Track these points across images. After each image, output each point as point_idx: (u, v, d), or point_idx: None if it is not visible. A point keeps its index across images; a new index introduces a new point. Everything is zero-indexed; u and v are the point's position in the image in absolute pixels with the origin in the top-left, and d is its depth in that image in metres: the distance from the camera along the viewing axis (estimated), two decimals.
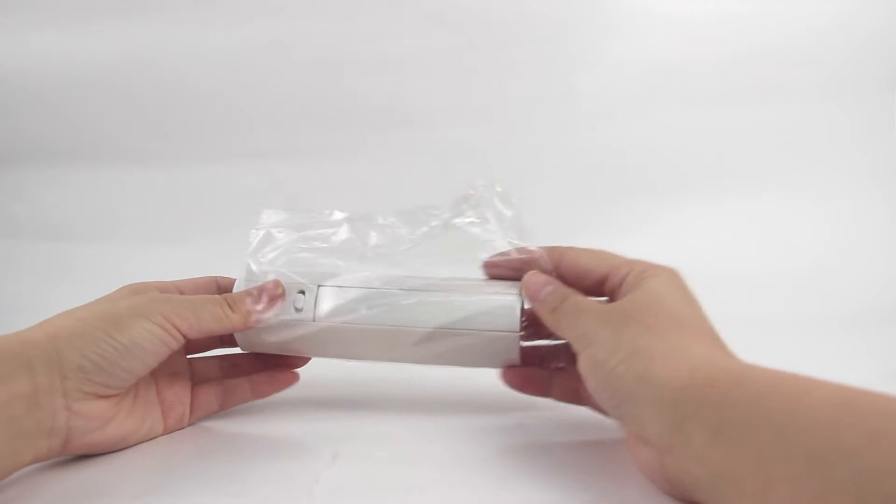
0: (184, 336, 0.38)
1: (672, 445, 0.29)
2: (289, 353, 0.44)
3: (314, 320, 0.42)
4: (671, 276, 0.35)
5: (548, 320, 0.38)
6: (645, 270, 0.35)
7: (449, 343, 0.42)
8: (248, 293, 0.41)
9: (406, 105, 0.80)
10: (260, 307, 0.41)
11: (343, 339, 0.43)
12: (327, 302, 0.43)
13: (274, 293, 0.41)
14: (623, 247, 0.39)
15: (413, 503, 0.32)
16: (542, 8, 0.80)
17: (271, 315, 0.41)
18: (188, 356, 0.44)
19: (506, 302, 0.41)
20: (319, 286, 0.43)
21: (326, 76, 0.81)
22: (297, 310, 0.42)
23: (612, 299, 0.37)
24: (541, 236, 0.80)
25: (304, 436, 0.40)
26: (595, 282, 0.38)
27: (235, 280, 0.43)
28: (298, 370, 0.46)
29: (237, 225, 0.79)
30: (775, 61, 0.81)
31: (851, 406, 0.25)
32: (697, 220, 0.80)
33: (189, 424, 0.42)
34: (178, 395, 0.41)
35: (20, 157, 0.83)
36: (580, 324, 0.35)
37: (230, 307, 0.40)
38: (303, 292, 0.43)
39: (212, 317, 0.39)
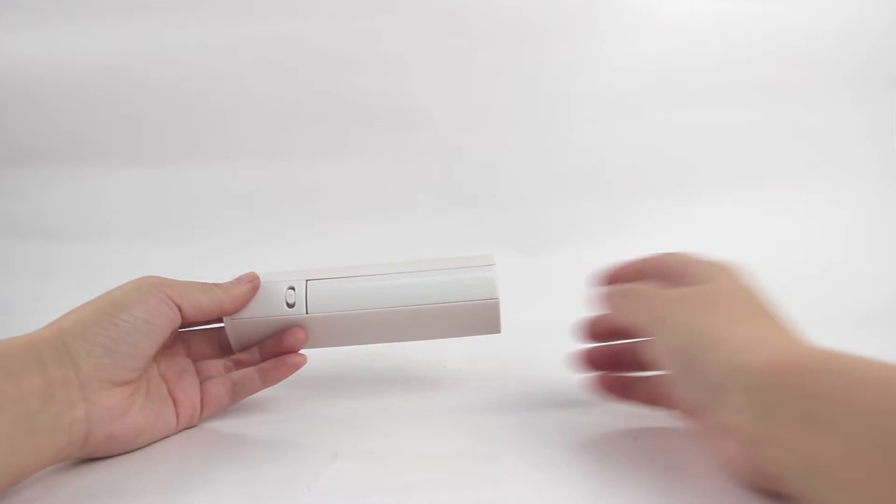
0: (178, 308, 0.40)
1: (760, 435, 0.28)
2: (283, 351, 0.45)
3: (307, 313, 0.44)
4: (740, 268, 0.36)
5: (620, 306, 0.38)
6: (714, 264, 0.36)
7: (438, 317, 0.44)
8: (229, 282, 0.44)
9: (405, 105, 0.80)
10: (241, 289, 0.44)
11: (337, 328, 0.45)
12: (318, 294, 0.45)
13: (250, 278, 0.45)
14: (624, 247, 0.38)
15: (413, 503, 0.32)
16: (539, 9, 0.78)
17: (252, 295, 0.44)
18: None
19: (483, 273, 0.44)
20: (308, 280, 0.45)
21: (325, 76, 0.80)
22: (290, 305, 0.45)
23: None
24: (539, 235, 0.79)
25: (303, 436, 0.41)
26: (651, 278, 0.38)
27: None
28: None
29: (231, 224, 0.81)
30: (779, 62, 0.80)
31: None
32: (701, 220, 0.79)
33: (201, 420, 0.44)
34: (188, 392, 0.43)
35: (14, 156, 0.84)
36: (654, 307, 0.35)
37: (215, 287, 0.43)
38: (292, 288, 0.45)
39: (201, 290, 0.42)
